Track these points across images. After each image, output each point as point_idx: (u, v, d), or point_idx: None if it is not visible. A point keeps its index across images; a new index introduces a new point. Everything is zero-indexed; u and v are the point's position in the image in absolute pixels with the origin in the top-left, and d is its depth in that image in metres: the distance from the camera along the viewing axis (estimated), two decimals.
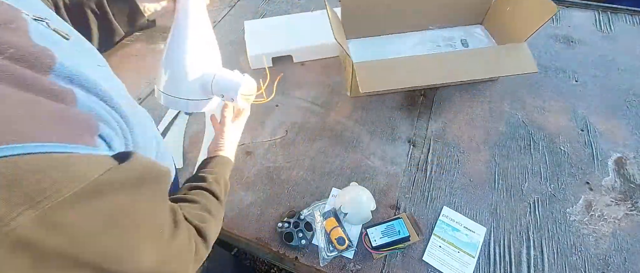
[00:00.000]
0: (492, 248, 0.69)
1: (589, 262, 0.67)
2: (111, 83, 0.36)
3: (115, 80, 0.40)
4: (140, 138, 0.35)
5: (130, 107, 0.35)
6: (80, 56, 0.34)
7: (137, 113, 0.38)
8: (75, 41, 0.36)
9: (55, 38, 0.32)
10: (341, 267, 0.68)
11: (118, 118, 0.32)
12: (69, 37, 0.34)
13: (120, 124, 0.32)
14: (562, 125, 0.89)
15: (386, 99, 0.98)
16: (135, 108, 0.39)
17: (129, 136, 0.33)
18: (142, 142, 0.36)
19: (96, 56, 0.40)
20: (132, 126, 0.34)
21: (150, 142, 0.42)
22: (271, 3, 1.37)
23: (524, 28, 0.89)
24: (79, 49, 0.36)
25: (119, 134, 0.31)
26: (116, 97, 0.32)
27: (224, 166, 0.59)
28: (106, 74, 0.38)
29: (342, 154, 0.86)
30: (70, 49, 0.33)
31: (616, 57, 1.05)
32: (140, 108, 0.46)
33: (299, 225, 0.72)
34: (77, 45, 0.37)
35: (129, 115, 0.34)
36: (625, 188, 0.76)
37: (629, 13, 1.18)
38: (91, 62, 0.37)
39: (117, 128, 0.31)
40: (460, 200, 0.76)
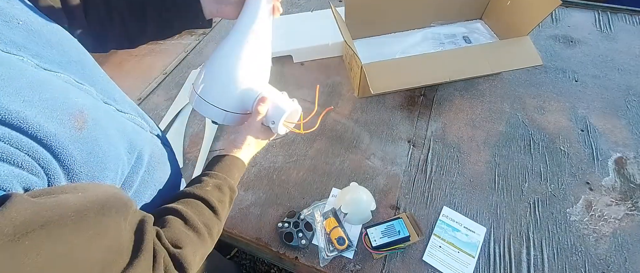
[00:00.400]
0: (492, 248, 0.69)
1: (589, 262, 0.67)
2: (50, 93, 0.30)
3: (66, 90, 0.33)
4: (87, 160, 0.31)
5: (69, 128, 0.30)
6: None
7: (88, 130, 0.32)
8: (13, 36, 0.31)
9: None
10: (341, 267, 0.68)
11: (35, 148, 0.27)
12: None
13: (38, 155, 0.27)
14: (562, 125, 0.89)
15: (386, 99, 0.98)
16: (85, 123, 0.32)
17: (56, 165, 0.28)
18: (94, 163, 0.32)
19: (51, 51, 0.35)
20: (62, 151, 0.29)
21: (116, 157, 0.36)
22: None
23: (526, 21, 0.90)
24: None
25: (32, 169, 0.26)
26: (41, 120, 0.27)
27: (232, 169, 0.50)
28: (43, 82, 0.31)
29: (342, 154, 0.86)
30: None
31: (616, 57, 1.05)
32: (103, 117, 0.37)
33: (299, 225, 0.72)
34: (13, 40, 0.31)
35: (61, 138, 0.29)
36: (625, 188, 0.76)
37: (629, 13, 1.18)
38: (24, 68, 0.30)
39: (31, 162, 0.26)
40: (460, 200, 0.76)
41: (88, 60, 0.41)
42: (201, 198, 0.43)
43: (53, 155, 0.28)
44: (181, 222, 0.40)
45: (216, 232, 0.44)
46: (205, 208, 0.43)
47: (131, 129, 0.42)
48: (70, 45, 0.39)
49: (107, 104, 0.40)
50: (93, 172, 0.32)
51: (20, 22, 0.33)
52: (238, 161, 0.51)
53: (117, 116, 0.41)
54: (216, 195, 0.45)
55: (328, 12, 1.12)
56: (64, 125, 0.29)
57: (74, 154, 0.30)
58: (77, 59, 0.39)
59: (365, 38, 1.11)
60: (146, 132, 0.46)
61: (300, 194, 0.79)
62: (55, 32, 0.37)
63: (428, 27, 1.14)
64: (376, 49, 1.08)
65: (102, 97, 0.39)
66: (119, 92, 0.45)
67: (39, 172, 0.27)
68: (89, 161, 0.31)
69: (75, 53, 0.39)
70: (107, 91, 0.41)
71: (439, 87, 1.00)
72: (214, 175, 0.47)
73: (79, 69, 0.38)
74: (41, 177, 0.27)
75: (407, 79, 0.87)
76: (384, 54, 1.05)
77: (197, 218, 0.41)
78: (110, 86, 0.43)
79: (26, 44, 0.32)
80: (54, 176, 0.28)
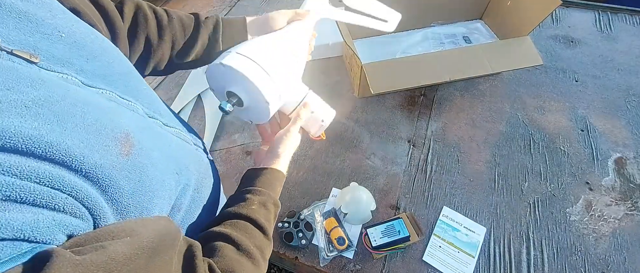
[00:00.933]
0: (492, 248, 0.69)
1: (589, 261, 0.67)
2: (100, 117, 0.27)
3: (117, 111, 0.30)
4: (135, 190, 0.28)
5: (115, 155, 0.27)
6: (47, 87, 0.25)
7: (134, 156, 0.29)
8: (59, 58, 0.28)
9: (4, 64, 0.23)
10: (341, 267, 0.68)
11: (79, 185, 0.24)
12: (36, 60, 0.26)
13: (82, 193, 0.24)
14: (562, 125, 0.89)
15: (386, 99, 0.98)
16: (132, 148, 0.29)
17: (102, 200, 0.25)
18: (142, 192, 0.29)
19: (110, 72, 0.32)
20: (109, 183, 0.26)
21: (164, 183, 0.33)
22: (271, 3, 1.37)
23: (526, 22, 0.90)
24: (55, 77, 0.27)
25: (76, 211, 0.24)
26: (85, 150, 0.25)
27: (274, 183, 0.46)
28: (98, 105, 0.29)
29: (342, 154, 0.86)
30: (30, 80, 0.24)
31: (616, 57, 1.05)
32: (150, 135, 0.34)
33: (299, 225, 0.72)
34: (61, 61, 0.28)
35: (107, 168, 0.26)
36: (625, 188, 0.76)
37: (629, 13, 1.18)
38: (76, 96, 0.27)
39: (73, 204, 0.23)
40: (460, 200, 0.76)
41: (133, 72, 0.38)
42: (249, 218, 0.40)
43: (100, 190, 0.25)
44: (232, 248, 0.36)
45: (268, 254, 0.41)
46: (254, 230, 0.40)
47: (176, 146, 0.39)
48: (114, 56, 0.35)
49: (153, 119, 0.37)
50: (142, 202, 0.29)
51: (62, 35, 0.29)
52: (279, 173, 0.47)
53: (163, 133, 0.38)
54: (263, 213, 0.41)
55: None
56: (110, 152, 0.27)
57: (122, 185, 0.27)
58: (121, 71, 0.35)
59: (365, 38, 1.11)
60: (190, 146, 0.43)
61: (300, 194, 0.79)
62: (99, 42, 0.34)
63: (428, 27, 1.14)
64: (376, 49, 1.08)
65: (148, 111, 0.36)
66: (163, 105, 0.42)
67: (84, 214, 0.24)
68: (137, 191, 0.28)
69: (119, 65, 0.35)
70: (152, 105, 0.38)
71: (439, 87, 1.00)
72: (257, 191, 0.43)
73: (124, 82, 0.35)
74: (86, 219, 0.24)
75: (407, 79, 0.87)
76: (384, 54, 1.06)
77: (248, 241, 0.37)
78: (155, 99, 0.40)
79: (69, 58, 0.29)
80: (100, 216, 0.25)
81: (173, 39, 0.48)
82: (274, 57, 0.46)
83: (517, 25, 0.94)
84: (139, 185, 0.29)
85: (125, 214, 0.28)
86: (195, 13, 0.52)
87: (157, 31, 0.47)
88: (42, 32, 0.27)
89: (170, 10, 0.50)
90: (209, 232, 0.38)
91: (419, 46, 1.08)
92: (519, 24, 0.93)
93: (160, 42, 0.47)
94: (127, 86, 0.35)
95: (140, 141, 0.30)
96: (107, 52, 0.34)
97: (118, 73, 0.34)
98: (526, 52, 0.89)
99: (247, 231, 0.39)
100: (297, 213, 0.74)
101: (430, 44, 1.08)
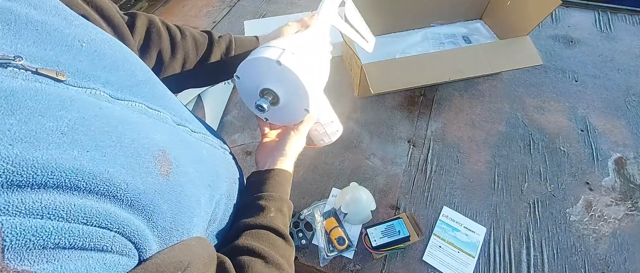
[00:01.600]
0: (492, 248, 0.69)
1: (589, 262, 0.67)
2: (136, 142, 0.25)
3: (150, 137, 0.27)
4: (176, 212, 0.26)
5: (156, 176, 0.25)
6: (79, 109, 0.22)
7: (173, 174, 0.27)
8: (87, 76, 0.25)
9: (31, 86, 0.21)
10: (341, 267, 0.68)
11: (125, 220, 0.22)
12: (63, 77, 0.23)
13: (129, 228, 0.22)
14: (562, 125, 0.89)
15: (386, 99, 0.98)
16: (170, 166, 0.27)
17: (146, 229, 0.24)
18: (183, 213, 0.27)
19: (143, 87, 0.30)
20: (153, 209, 0.24)
21: (200, 199, 0.31)
22: (271, 3, 1.37)
23: (526, 21, 0.90)
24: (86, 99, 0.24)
25: (123, 249, 0.22)
26: (127, 176, 0.23)
27: (285, 185, 0.44)
28: (136, 127, 0.26)
29: (342, 154, 0.86)
30: (56, 103, 0.21)
31: (616, 57, 1.05)
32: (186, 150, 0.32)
33: (299, 225, 0.72)
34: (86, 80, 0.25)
35: (149, 193, 0.24)
36: (625, 188, 0.76)
37: (629, 13, 1.18)
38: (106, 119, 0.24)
39: (121, 241, 0.22)
40: (460, 200, 0.76)
41: (154, 78, 0.35)
42: (270, 228, 0.38)
43: (145, 219, 0.23)
44: (261, 261, 0.34)
45: (292, 259, 0.39)
46: (277, 239, 0.38)
47: (207, 153, 0.37)
48: (135, 63, 0.33)
49: (182, 126, 0.35)
50: (183, 224, 0.27)
51: (83, 44, 0.27)
52: (287, 173, 0.46)
53: (193, 141, 0.36)
54: (281, 219, 0.40)
55: None
56: (150, 174, 0.24)
57: (164, 209, 0.25)
58: (144, 78, 0.32)
59: None
60: (219, 150, 0.42)
61: (300, 194, 0.79)
62: (118, 48, 0.31)
63: (428, 27, 1.14)
64: (376, 49, 1.07)
65: (176, 119, 0.34)
66: (187, 111, 0.39)
67: (130, 250, 0.22)
68: (179, 213, 0.27)
69: (141, 73, 0.32)
70: (178, 111, 0.36)
71: (439, 87, 1.00)
72: (270, 196, 0.41)
73: (149, 90, 0.32)
74: (132, 255, 0.22)
75: (407, 79, 0.87)
76: (384, 54, 1.05)
77: (274, 252, 0.36)
78: (179, 104, 0.38)
79: (94, 70, 0.26)
80: (145, 248, 0.23)
81: (185, 56, 0.47)
82: (311, 56, 0.45)
83: (517, 25, 0.94)
84: (179, 206, 0.27)
85: (167, 239, 0.26)
86: (209, 31, 0.51)
87: (170, 48, 0.46)
88: (62, 43, 0.25)
89: (183, 26, 0.49)
90: (232, 247, 0.36)
91: (418, 46, 1.08)
92: (519, 24, 0.93)
93: (172, 59, 0.46)
94: (153, 94, 0.33)
95: (177, 157, 0.28)
96: (128, 60, 0.32)
97: (142, 81, 0.32)
98: (526, 52, 0.89)
99: (271, 242, 0.37)
100: (297, 213, 0.74)
101: (430, 44, 1.08)
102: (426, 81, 0.88)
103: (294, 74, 0.41)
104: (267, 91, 0.43)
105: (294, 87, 0.42)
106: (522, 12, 0.93)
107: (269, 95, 0.43)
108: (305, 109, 0.45)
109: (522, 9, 0.93)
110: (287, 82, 0.42)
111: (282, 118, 0.49)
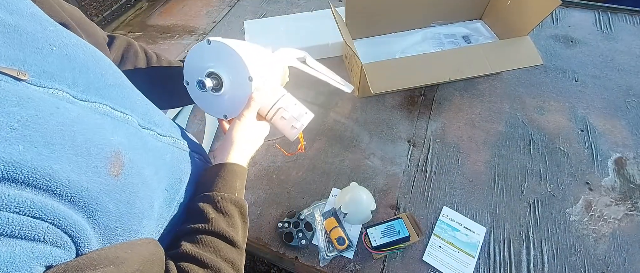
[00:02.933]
0: (492, 248, 0.69)
1: (588, 262, 0.67)
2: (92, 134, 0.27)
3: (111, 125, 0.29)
4: (124, 212, 0.27)
5: (104, 176, 0.26)
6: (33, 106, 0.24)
7: (124, 176, 0.28)
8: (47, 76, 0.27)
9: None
10: (341, 267, 0.68)
11: (62, 212, 0.23)
12: (25, 76, 0.25)
13: (65, 221, 0.23)
14: (562, 125, 0.89)
15: (386, 99, 0.98)
16: (122, 168, 0.28)
17: (86, 225, 0.25)
18: (131, 214, 0.28)
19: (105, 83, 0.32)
20: (96, 207, 0.25)
21: (153, 203, 0.32)
22: (271, 3, 1.37)
23: (526, 21, 0.90)
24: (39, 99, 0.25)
25: (57, 241, 0.23)
26: (72, 173, 0.24)
27: (230, 179, 0.41)
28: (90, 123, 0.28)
29: (342, 154, 0.86)
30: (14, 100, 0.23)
31: (616, 57, 1.05)
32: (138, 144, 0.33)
33: (299, 225, 0.72)
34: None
35: (94, 191, 0.25)
36: (625, 188, 0.76)
37: (629, 13, 1.18)
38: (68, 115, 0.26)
39: (55, 233, 0.23)
40: (460, 200, 0.76)
41: (125, 82, 0.37)
42: (210, 231, 0.37)
43: (85, 215, 0.24)
44: (199, 268, 0.34)
45: (240, 263, 0.38)
46: (219, 242, 0.36)
47: (172, 157, 0.38)
48: (107, 67, 0.34)
49: (148, 130, 0.36)
50: (130, 224, 0.28)
51: (53, 48, 0.28)
52: (232, 166, 0.43)
53: (158, 145, 0.37)
54: (223, 220, 0.38)
55: (328, 12, 1.12)
56: (98, 174, 0.26)
57: (109, 208, 0.26)
58: (114, 82, 0.34)
59: (365, 38, 1.11)
60: (188, 154, 0.42)
61: (300, 194, 0.79)
62: (91, 53, 0.33)
63: (428, 27, 1.14)
64: (376, 49, 1.08)
65: (142, 122, 0.36)
66: (158, 113, 0.41)
67: (66, 242, 0.23)
68: (126, 213, 0.28)
69: (112, 77, 0.34)
70: (147, 115, 0.37)
71: (439, 87, 1.00)
72: (209, 197, 0.39)
73: (119, 93, 0.34)
74: (68, 248, 0.23)
75: (407, 79, 0.87)
76: (384, 54, 1.05)
77: (214, 256, 0.35)
78: (150, 108, 0.39)
79: (61, 72, 0.28)
80: (84, 243, 0.24)
81: (159, 80, 0.50)
82: (251, 47, 0.48)
83: (517, 25, 0.94)
84: (127, 207, 0.28)
85: (112, 238, 0.27)
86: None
87: (145, 67, 0.48)
88: (32, 46, 0.27)
89: (161, 54, 0.52)
90: (172, 254, 0.35)
91: (418, 46, 1.08)
92: (519, 24, 0.93)
93: (145, 80, 0.48)
94: (122, 97, 0.34)
95: (132, 160, 0.30)
96: (99, 64, 0.33)
97: (112, 85, 0.33)
98: (526, 52, 0.89)
99: (211, 246, 0.36)
100: (297, 213, 0.74)
101: (430, 44, 1.08)
102: (426, 81, 0.88)
103: (224, 44, 0.43)
104: (211, 74, 0.46)
105: (230, 59, 0.44)
106: (522, 12, 0.93)
107: (213, 78, 0.45)
108: (248, 77, 0.45)
109: (522, 9, 0.93)
110: (223, 58, 0.44)
111: (234, 108, 0.48)
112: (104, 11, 1.47)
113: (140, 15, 1.45)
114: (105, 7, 1.40)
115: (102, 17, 1.44)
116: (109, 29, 1.39)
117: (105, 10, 1.47)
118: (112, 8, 1.46)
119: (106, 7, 1.45)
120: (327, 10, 1.16)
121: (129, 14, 1.46)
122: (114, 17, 1.44)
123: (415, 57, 0.91)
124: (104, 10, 1.48)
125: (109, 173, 0.27)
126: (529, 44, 0.89)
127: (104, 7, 1.40)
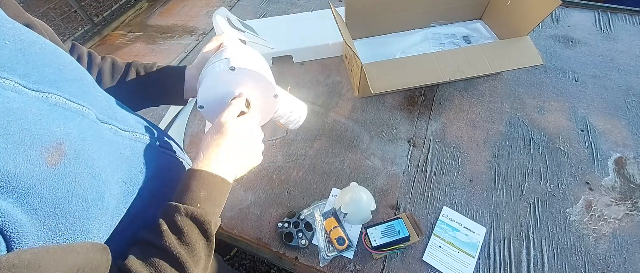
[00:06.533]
0: (492, 248, 0.69)
1: (589, 262, 0.67)
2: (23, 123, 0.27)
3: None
4: (63, 200, 0.28)
5: (38, 165, 0.26)
6: None
7: (65, 165, 0.28)
8: None
9: None
10: (341, 267, 0.68)
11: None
12: None
13: None
14: (562, 125, 0.89)
15: (386, 99, 0.98)
16: (62, 157, 0.28)
17: (18, 211, 0.25)
18: (72, 202, 0.28)
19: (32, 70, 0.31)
20: (27, 192, 0.25)
21: (102, 193, 0.32)
22: (271, 3, 1.37)
23: (526, 21, 0.90)
24: None
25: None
26: (1, 162, 0.24)
27: (196, 189, 0.38)
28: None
29: (342, 154, 0.86)
30: None
31: (616, 57, 1.05)
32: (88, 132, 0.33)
33: (299, 225, 0.72)
34: None
35: (24, 177, 0.25)
36: (625, 188, 0.76)
37: (629, 13, 1.18)
38: None
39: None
40: (460, 200, 0.76)
41: (87, 78, 0.38)
42: (159, 248, 0.34)
43: (15, 201, 0.24)
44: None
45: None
46: (163, 264, 0.33)
47: (131, 151, 0.39)
48: (66, 63, 0.36)
49: (107, 124, 0.37)
50: (74, 212, 0.29)
51: (7, 42, 0.29)
52: (201, 173, 0.39)
53: (116, 139, 0.38)
54: (175, 238, 0.35)
55: (328, 12, 1.12)
56: (30, 162, 0.26)
57: (44, 194, 0.26)
58: (74, 76, 0.35)
59: (365, 38, 1.11)
60: (151, 147, 0.43)
61: (300, 194, 0.79)
62: (49, 49, 0.34)
63: (428, 27, 1.14)
64: (376, 49, 1.08)
65: (101, 117, 0.37)
66: (121, 110, 0.42)
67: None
68: (66, 200, 0.28)
69: (71, 71, 0.36)
70: (108, 110, 0.39)
71: (439, 87, 1.00)
72: (168, 206, 0.37)
73: (78, 87, 0.35)
74: (15, 231, 0.24)
75: (407, 79, 0.87)
76: (384, 54, 1.06)
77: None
78: (112, 104, 0.41)
79: (12, 64, 0.29)
80: (15, 231, 0.24)
81: (100, 72, 0.52)
82: (261, 59, 0.50)
83: (517, 25, 0.94)
84: (67, 195, 0.28)
85: (53, 225, 0.27)
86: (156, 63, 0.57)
87: (87, 65, 0.51)
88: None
89: (110, 56, 0.55)
90: (119, 264, 0.33)
91: (419, 46, 1.08)
92: (519, 24, 0.93)
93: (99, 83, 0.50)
94: (81, 91, 0.35)
95: (78, 150, 0.30)
96: (58, 60, 0.34)
97: (71, 79, 0.34)
98: (526, 52, 0.89)
99: (154, 266, 0.33)
100: (297, 213, 0.74)
101: (430, 44, 1.08)
102: (426, 81, 0.88)
103: (249, 70, 0.45)
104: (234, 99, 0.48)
105: (257, 83, 0.47)
106: (522, 12, 0.93)
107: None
108: (274, 95, 0.49)
109: (522, 9, 0.93)
110: (248, 82, 0.46)
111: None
112: (104, 11, 1.47)
113: (140, 16, 1.46)
114: (105, 7, 1.41)
115: (102, 17, 1.44)
116: (109, 29, 1.39)
117: (105, 10, 1.47)
118: (112, 8, 1.46)
119: (106, 7, 1.45)
120: (327, 10, 1.16)
121: (129, 14, 1.46)
122: (114, 17, 1.44)
123: (415, 58, 0.91)
124: (104, 10, 1.48)
125: (45, 161, 0.27)
126: (529, 44, 0.89)
127: (104, 7, 1.40)
